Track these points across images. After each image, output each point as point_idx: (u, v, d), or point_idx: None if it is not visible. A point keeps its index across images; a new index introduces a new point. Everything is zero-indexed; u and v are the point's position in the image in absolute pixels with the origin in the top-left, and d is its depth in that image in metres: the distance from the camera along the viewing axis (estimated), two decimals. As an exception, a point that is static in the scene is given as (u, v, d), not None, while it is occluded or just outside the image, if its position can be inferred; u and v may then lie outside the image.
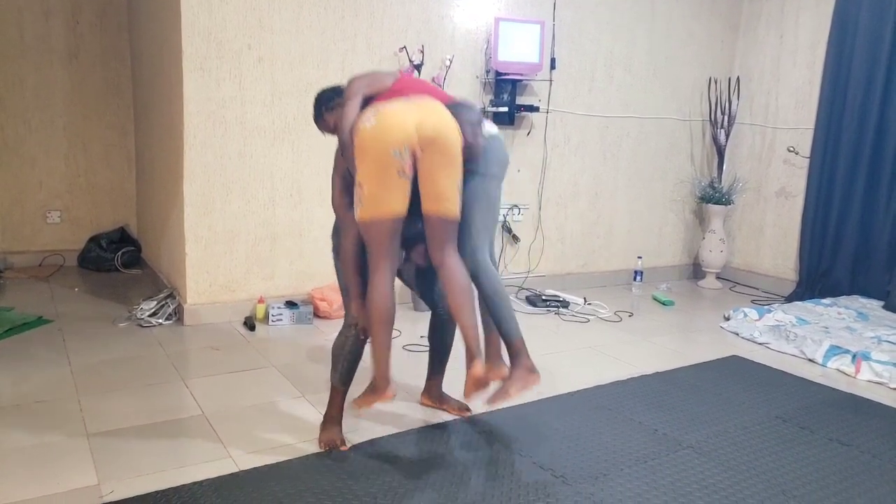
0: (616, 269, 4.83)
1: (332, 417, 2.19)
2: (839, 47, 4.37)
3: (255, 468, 1.99)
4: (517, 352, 2.09)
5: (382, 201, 1.90)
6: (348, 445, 2.16)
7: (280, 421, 2.33)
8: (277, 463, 2.03)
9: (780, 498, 2.00)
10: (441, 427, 2.34)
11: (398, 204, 1.91)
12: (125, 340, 3.07)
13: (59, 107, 4.38)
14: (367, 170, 1.89)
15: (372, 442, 2.20)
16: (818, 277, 4.55)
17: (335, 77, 3.45)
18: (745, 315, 3.86)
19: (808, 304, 4.06)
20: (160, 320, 3.32)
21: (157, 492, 1.83)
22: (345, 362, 2.14)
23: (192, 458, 2.03)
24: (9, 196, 4.33)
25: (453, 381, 2.68)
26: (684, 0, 4.74)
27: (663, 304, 4.34)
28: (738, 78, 5.00)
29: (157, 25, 3.71)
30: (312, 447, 2.14)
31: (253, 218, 3.44)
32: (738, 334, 3.72)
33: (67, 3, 4.30)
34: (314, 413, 2.39)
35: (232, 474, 1.95)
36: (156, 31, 3.74)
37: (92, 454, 2.02)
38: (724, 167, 5.03)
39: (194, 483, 1.89)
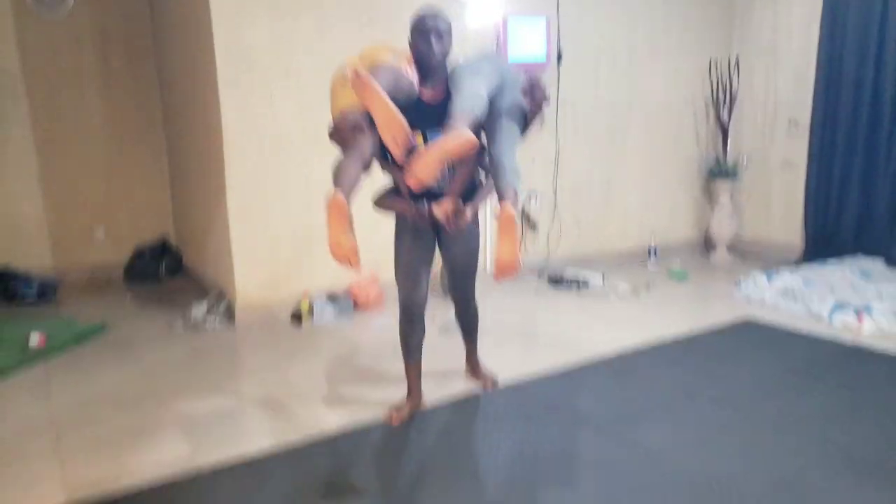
0: (631, 248, 5.07)
1: (411, 389, 2.48)
2: (832, 21, 4.57)
3: (323, 434, 2.27)
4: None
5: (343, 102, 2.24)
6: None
7: (336, 398, 2.61)
8: (336, 434, 2.30)
9: (791, 431, 2.24)
10: (493, 394, 2.61)
11: (348, 100, 2.21)
12: (184, 342, 3.35)
13: (97, 132, 4.71)
14: (333, 100, 2.31)
15: (435, 410, 2.47)
16: (824, 241, 4.76)
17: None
18: (755, 281, 4.08)
19: (814, 267, 4.27)
20: (213, 321, 3.60)
21: (237, 456, 2.12)
22: (409, 342, 2.44)
23: (262, 432, 2.32)
24: (56, 216, 4.65)
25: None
26: (680, -13, 4.95)
27: (678, 277, 4.57)
28: (737, 57, 5.20)
29: (185, 47, 3.98)
30: (369, 417, 2.41)
31: (292, 221, 3.71)
32: (749, 299, 3.94)
33: (97, 35, 4.62)
34: (370, 391, 2.67)
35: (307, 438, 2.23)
36: (185, 52, 4.01)
37: (183, 432, 2.32)
38: (729, 143, 5.24)
39: (261, 452, 2.18)
